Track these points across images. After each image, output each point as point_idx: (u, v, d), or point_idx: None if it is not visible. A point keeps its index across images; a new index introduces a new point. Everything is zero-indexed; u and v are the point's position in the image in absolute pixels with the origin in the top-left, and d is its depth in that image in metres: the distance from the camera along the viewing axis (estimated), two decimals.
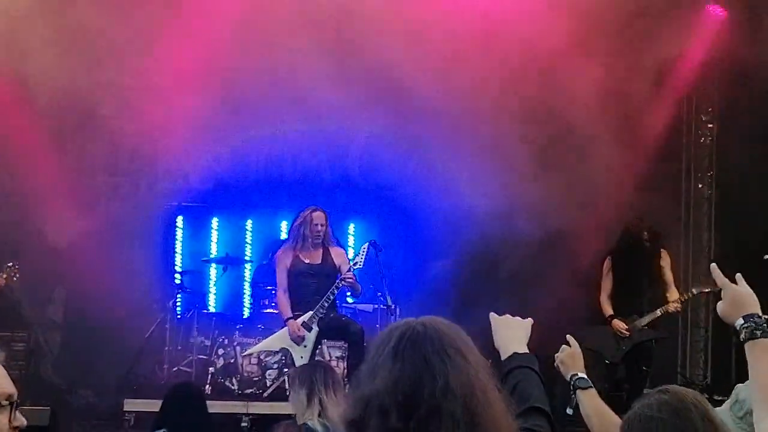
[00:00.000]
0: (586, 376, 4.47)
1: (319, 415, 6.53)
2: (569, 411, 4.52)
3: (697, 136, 16.39)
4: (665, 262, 12.35)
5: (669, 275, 12.32)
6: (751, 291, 3.72)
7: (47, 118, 13.06)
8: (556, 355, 4.58)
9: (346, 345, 12.15)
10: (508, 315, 4.03)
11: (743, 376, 4.33)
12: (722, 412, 4.87)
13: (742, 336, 3.62)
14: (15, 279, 12.05)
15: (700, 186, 16.33)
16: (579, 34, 12.62)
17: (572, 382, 4.44)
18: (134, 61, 12.75)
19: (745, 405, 4.76)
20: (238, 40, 12.91)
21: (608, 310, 12.07)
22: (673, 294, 12.15)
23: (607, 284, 12.19)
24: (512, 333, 3.96)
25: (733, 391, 4.95)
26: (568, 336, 4.72)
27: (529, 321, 4.02)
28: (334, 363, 12.49)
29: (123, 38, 12.54)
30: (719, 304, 3.78)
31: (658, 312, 12.10)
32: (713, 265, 3.87)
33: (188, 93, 13.21)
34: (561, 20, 12.45)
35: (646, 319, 12.05)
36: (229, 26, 12.90)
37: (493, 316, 4.03)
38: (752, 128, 13.94)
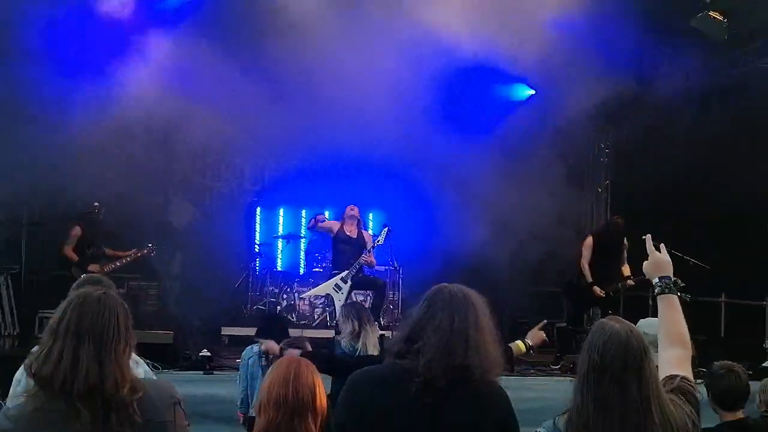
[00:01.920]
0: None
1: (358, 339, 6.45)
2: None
3: (598, 153, 16.52)
4: (625, 246, 11.71)
5: (625, 256, 11.66)
6: (669, 259, 3.56)
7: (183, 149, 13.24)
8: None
9: (370, 293, 12.23)
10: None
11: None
12: None
13: (656, 291, 3.50)
14: (152, 255, 12.19)
15: (599, 191, 16.43)
16: None
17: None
18: (227, 98, 12.57)
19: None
20: (294, 73, 12.88)
21: (589, 277, 11.33)
22: (626, 270, 11.53)
23: (587, 254, 11.43)
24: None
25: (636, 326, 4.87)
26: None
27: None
28: None
29: (223, 80, 12.42)
30: (644, 263, 3.61)
31: (619, 285, 11.50)
32: (648, 235, 3.71)
33: (266, 122, 13.21)
34: None
35: (612, 288, 11.43)
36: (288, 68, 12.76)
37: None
38: (639, 150, 14.00)
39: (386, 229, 11.44)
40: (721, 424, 5.25)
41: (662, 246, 3.62)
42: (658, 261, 3.56)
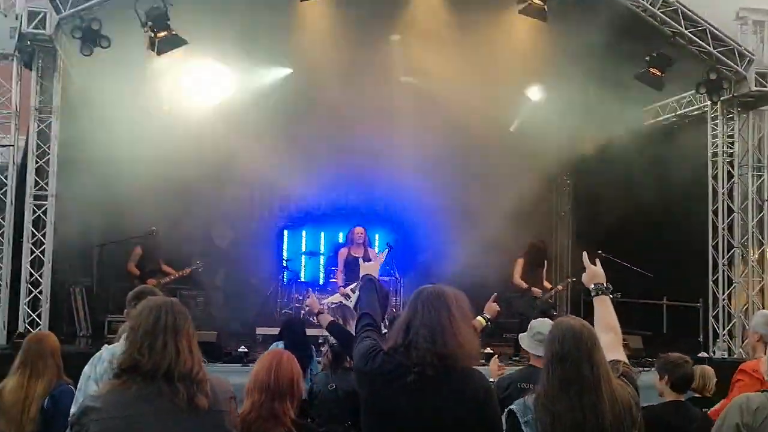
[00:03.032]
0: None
1: None
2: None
3: (561, 185, 16.52)
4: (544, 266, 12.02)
5: (543, 274, 11.95)
6: (602, 270, 3.75)
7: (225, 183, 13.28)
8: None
9: None
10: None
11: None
12: (523, 337, 5.01)
13: (592, 294, 3.66)
14: (200, 270, 12.20)
15: (563, 213, 16.45)
16: None
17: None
18: (265, 147, 12.79)
19: (533, 329, 4.89)
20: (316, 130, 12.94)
21: (524, 285, 11.51)
22: (546, 284, 11.81)
23: (518, 270, 11.62)
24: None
25: (529, 325, 4.97)
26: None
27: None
28: None
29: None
30: (583, 275, 3.78)
31: (553, 291, 11.88)
32: (584, 252, 3.88)
33: (294, 164, 13.28)
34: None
35: (547, 294, 11.69)
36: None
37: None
38: (596, 180, 14.02)
39: (387, 249, 11.48)
40: (667, 402, 5.29)
41: (597, 261, 3.82)
42: (594, 272, 3.75)
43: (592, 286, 3.68)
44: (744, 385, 5.15)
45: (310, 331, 9.37)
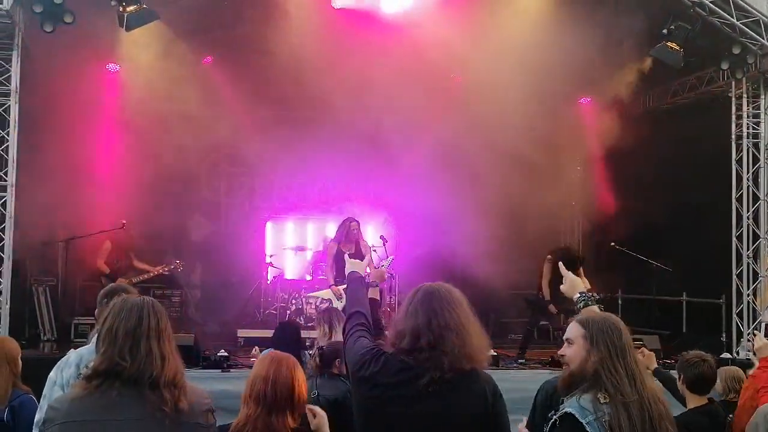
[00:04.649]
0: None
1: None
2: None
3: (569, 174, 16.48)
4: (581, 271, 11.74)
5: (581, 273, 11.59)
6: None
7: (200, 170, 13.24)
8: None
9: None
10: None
11: None
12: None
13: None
14: (180, 270, 12.21)
15: (573, 203, 16.42)
16: None
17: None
18: (243, 130, 12.82)
19: None
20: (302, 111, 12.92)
21: (548, 295, 11.21)
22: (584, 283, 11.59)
23: (547, 273, 11.23)
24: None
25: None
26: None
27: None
28: None
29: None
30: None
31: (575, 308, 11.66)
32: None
33: (276, 148, 13.24)
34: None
35: (565, 307, 11.05)
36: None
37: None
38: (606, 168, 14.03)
39: (391, 258, 11.45)
40: (687, 411, 5.31)
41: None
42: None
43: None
44: None
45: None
